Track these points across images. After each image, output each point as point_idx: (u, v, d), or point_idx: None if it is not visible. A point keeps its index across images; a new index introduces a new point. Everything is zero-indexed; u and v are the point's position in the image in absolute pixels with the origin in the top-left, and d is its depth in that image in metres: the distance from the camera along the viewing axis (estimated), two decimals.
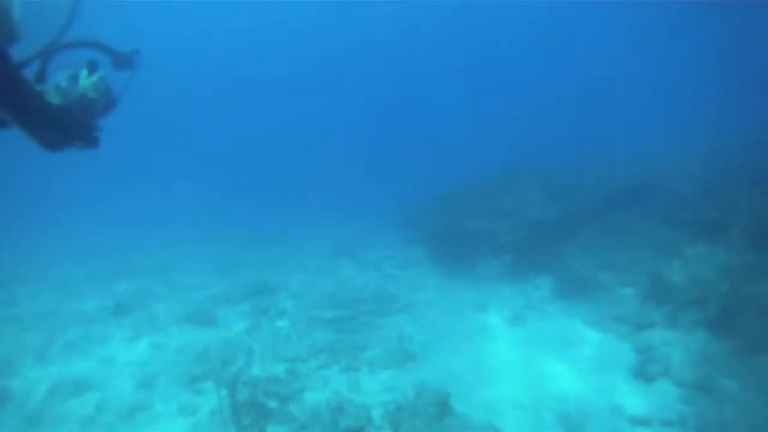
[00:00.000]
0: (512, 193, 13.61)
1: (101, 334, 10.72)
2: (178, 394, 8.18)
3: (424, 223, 15.73)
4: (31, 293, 13.69)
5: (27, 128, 2.54)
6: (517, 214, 12.74)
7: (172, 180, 34.69)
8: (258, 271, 14.37)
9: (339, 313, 10.68)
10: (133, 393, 8.33)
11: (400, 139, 45.37)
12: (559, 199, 12.96)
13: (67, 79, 2.72)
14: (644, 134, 20.86)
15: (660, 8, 31.20)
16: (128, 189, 32.70)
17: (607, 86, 39.87)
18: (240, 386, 7.28)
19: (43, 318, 11.82)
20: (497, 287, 11.45)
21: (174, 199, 29.51)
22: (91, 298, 12.98)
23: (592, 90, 40.21)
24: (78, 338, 10.53)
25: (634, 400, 6.99)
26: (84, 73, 2.77)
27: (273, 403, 7.39)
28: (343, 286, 12.67)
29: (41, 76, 2.67)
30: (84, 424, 7.60)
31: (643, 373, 7.51)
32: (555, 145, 19.72)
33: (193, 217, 23.92)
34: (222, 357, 8.97)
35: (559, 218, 12.54)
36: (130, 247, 18.89)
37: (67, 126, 2.72)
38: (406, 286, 12.45)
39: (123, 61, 2.88)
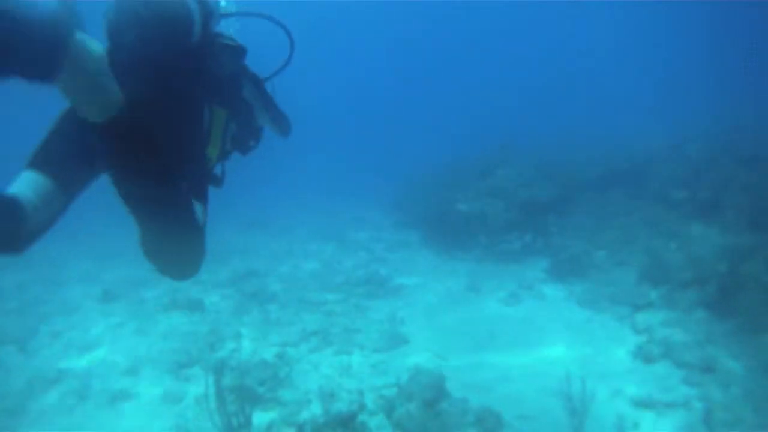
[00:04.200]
0: (505, 173, 13.38)
1: (86, 321, 10.47)
2: (163, 381, 7.93)
3: (415, 205, 15.51)
4: (19, 282, 13.36)
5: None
6: (510, 195, 12.53)
7: None
8: (245, 256, 14.09)
9: (329, 297, 10.45)
10: (117, 380, 8.07)
11: (391, 118, 44.98)
12: (552, 179, 12.78)
13: None
14: (637, 115, 20.66)
15: None
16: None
17: (600, 68, 39.78)
18: (227, 371, 7.05)
19: (27, 306, 11.57)
20: (490, 268, 11.26)
21: None
22: (77, 286, 12.72)
23: (586, 72, 40.07)
24: (62, 327, 10.26)
25: (636, 382, 6.80)
26: None
27: (261, 389, 7.16)
28: (333, 269, 12.44)
29: None
30: (66, 413, 7.37)
31: (644, 354, 7.33)
32: (548, 126, 19.52)
33: None
34: (210, 342, 8.73)
35: (552, 198, 12.37)
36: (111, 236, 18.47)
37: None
38: (397, 268, 12.23)
39: None
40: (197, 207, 2.71)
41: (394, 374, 7.35)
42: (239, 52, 3.12)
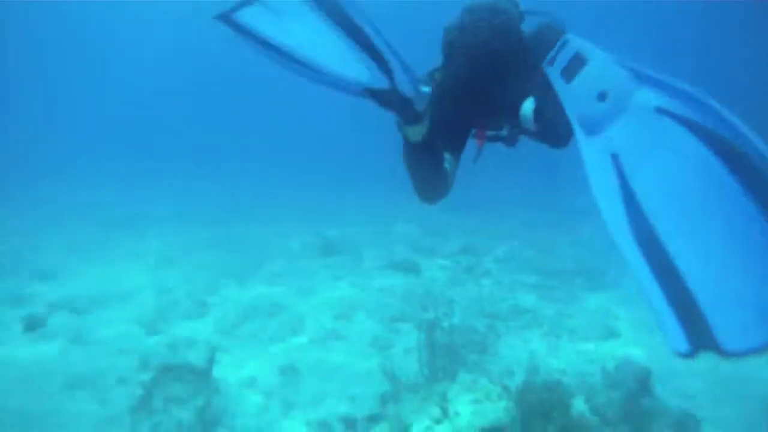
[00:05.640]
0: None
1: (305, 269, 11.31)
2: (374, 331, 8.39)
3: None
4: (248, 231, 14.76)
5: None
6: None
7: None
8: (466, 234, 14.38)
9: (544, 281, 10.48)
10: (331, 322, 8.69)
11: None
12: None
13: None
14: None
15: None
16: None
17: None
18: (438, 331, 7.36)
19: (254, 247, 12.77)
20: None
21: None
22: (298, 237, 13.77)
23: None
24: (282, 269, 11.20)
25: None
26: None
27: (468, 353, 7.41)
28: (552, 255, 12.47)
29: None
30: (277, 341, 8.10)
31: None
32: None
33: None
34: (422, 303, 9.11)
35: None
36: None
37: None
38: (616, 263, 11.96)
39: None
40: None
41: (600, 363, 7.33)
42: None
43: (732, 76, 29.11)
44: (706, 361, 5.65)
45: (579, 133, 2.53)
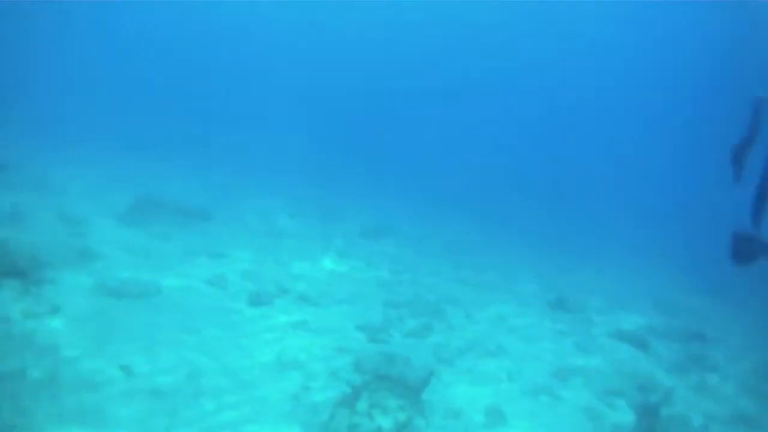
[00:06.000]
0: None
1: (533, 317, 11.53)
2: (588, 398, 8.35)
3: None
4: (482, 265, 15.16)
5: None
6: None
7: None
8: (701, 318, 13.81)
9: None
10: (547, 378, 8.75)
11: None
12: None
13: None
14: None
15: None
16: None
17: None
18: (654, 417, 7.23)
19: (484, 283, 13.19)
20: None
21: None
22: (529, 283, 14.13)
23: None
24: (510, 312, 11.50)
25: None
26: None
27: None
28: None
29: None
30: (490, 381, 8.33)
31: None
32: None
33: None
34: (642, 383, 8.93)
35: None
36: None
37: None
38: None
39: None
40: None
41: None
42: None
43: None
44: None
45: None
